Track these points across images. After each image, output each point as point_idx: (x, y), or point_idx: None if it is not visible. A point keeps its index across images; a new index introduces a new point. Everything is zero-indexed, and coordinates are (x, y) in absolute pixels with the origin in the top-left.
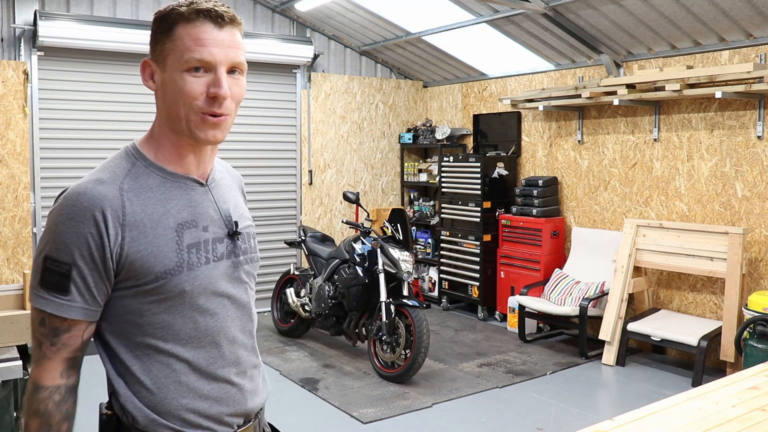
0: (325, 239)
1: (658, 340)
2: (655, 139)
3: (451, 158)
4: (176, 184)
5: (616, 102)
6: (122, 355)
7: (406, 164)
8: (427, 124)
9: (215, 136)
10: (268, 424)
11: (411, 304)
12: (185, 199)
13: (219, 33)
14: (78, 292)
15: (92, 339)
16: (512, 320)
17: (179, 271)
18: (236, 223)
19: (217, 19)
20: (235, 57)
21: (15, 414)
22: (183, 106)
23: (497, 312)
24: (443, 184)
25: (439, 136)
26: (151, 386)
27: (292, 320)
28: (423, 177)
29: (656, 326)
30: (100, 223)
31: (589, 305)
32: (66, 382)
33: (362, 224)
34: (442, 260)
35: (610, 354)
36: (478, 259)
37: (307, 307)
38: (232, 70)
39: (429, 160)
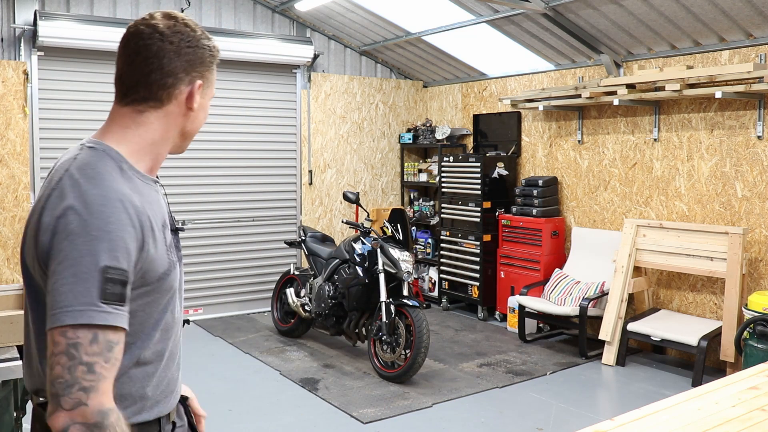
0: (325, 239)
1: (658, 340)
2: (655, 139)
3: (451, 158)
4: (150, 186)
5: (616, 102)
6: None
7: (406, 164)
8: (427, 124)
9: None
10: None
11: (411, 304)
12: (157, 201)
13: None
14: (128, 301)
15: None
16: (512, 320)
17: (171, 270)
18: (176, 220)
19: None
20: None
21: (15, 414)
22: (197, 125)
23: (497, 312)
24: (443, 184)
25: (439, 136)
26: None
27: (292, 320)
28: (423, 177)
29: (656, 326)
30: (140, 224)
31: (589, 305)
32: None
33: (362, 224)
34: (442, 260)
35: (610, 354)
36: (478, 259)
37: (307, 307)
38: None
39: (429, 160)
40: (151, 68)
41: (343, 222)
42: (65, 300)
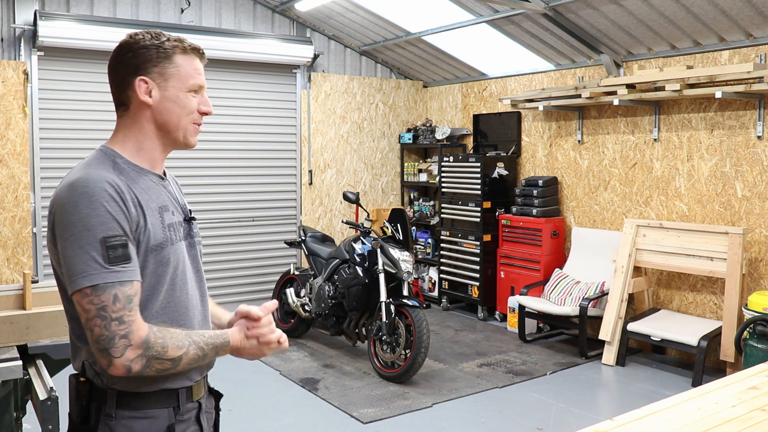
0: (325, 239)
1: (658, 340)
2: (655, 139)
3: (451, 158)
4: (148, 177)
5: (616, 102)
6: None
7: (406, 164)
8: (427, 124)
9: (196, 141)
10: (211, 389)
11: (411, 304)
12: (156, 189)
13: (201, 65)
14: (134, 257)
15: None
16: (512, 320)
17: (166, 244)
18: (190, 211)
19: (202, 55)
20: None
21: (15, 414)
22: (182, 117)
23: (497, 312)
24: (443, 184)
25: (439, 136)
26: None
27: (292, 320)
28: (423, 177)
29: (656, 326)
30: (121, 198)
31: (589, 305)
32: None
33: (362, 224)
34: (442, 260)
35: (610, 354)
36: (478, 259)
37: (307, 307)
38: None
39: (429, 160)
40: (111, 81)
41: (343, 222)
42: (79, 268)
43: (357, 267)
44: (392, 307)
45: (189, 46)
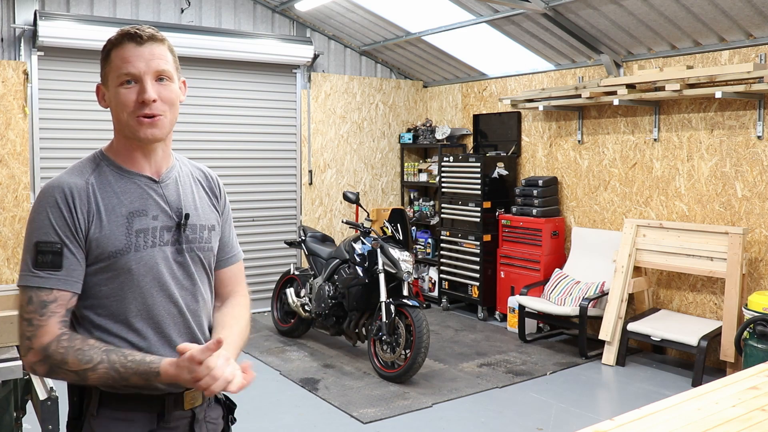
0: (325, 239)
1: (658, 340)
2: (655, 139)
3: (451, 158)
4: (131, 180)
5: (616, 102)
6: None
7: (406, 164)
8: (427, 124)
9: (153, 134)
10: (224, 395)
11: (411, 304)
12: (137, 193)
13: (140, 49)
14: (69, 266)
15: None
16: (512, 320)
17: (128, 251)
18: (186, 216)
19: (137, 38)
20: (157, 66)
21: (15, 414)
22: (123, 114)
23: (497, 312)
24: (443, 184)
25: (439, 136)
26: None
27: (292, 320)
28: (423, 177)
29: (656, 326)
30: (73, 208)
31: (589, 305)
32: (65, 329)
33: (362, 224)
34: (442, 260)
35: (610, 354)
36: (478, 259)
37: (307, 307)
38: (159, 78)
39: (429, 160)
40: None
41: (343, 222)
42: (20, 267)
43: (357, 267)
44: (392, 307)
45: (123, 34)
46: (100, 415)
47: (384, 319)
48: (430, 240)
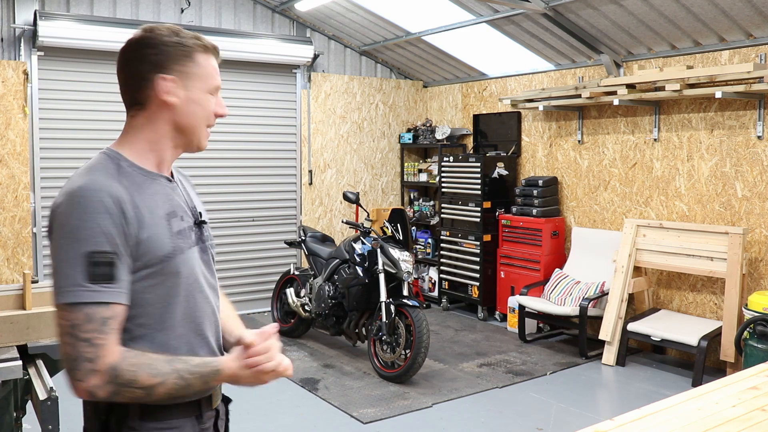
0: (325, 239)
1: (658, 340)
2: (655, 139)
3: (451, 158)
4: (155, 181)
5: (616, 102)
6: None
7: (406, 164)
8: (427, 124)
9: (207, 144)
10: (222, 395)
11: (411, 304)
12: (164, 194)
13: (217, 64)
14: (122, 278)
15: None
16: (512, 320)
17: (175, 254)
18: (200, 213)
19: (217, 53)
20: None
21: (15, 414)
22: (201, 120)
23: (497, 312)
24: (443, 184)
25: (439, 136)
26: None
27: (292, 320)
28: (423, 177)
29: (656, 326)
30: (119, 211)
31: (589, 305)
32: (125, 347)
33: (362, 224)
34: (442, 260)
35: (610, 354)
36: (478, 259)
37: (307, 307)
38: None
39: (429, 160)
40: (126, 77)
41: (343, 222)
42: (58, 281)
43: (357, 267)
44: (392, 307)
45: (209, 44)
46: (143, 429)
47: (384, 319)
48: (430, 240)
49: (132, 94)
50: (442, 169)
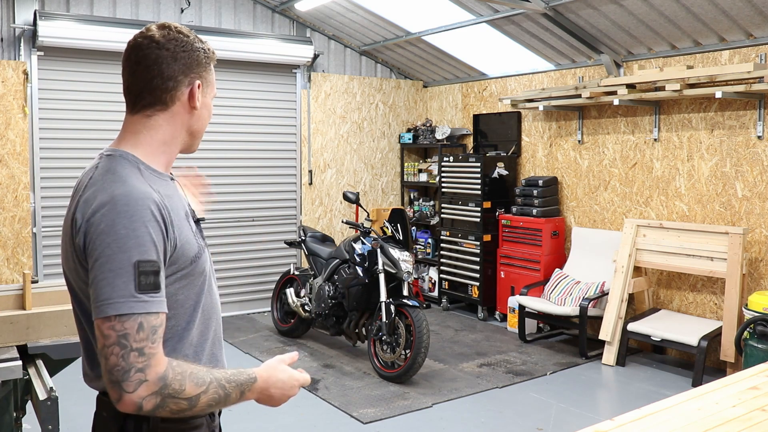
0: (325, 239)
1: (658, 340)
2: (655, 139)
3: (451, 158)
4: (166, 182)
5: (616, 102)
6: None
7: (406, 164)
8: (427, 124)
9: None
10: None
11: (411, 304)
12: (177, 195)
13: None
14: (163, 286)
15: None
16: (512, 320)
17: (201, 253)
18: (193, 211)
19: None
20: None
21: (15, 414)
22: (203, 124)
23: (497, 312)
24: (443, 184)
25: (439, 136)
26: None
27: (292, 320)
28: (423, 177)
29: (656, 326)
30: (162, 218)
31: (589, 305)
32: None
33: (362, 224)
34: (442, 260)
35: (610, 354)
36: (478, 259)
37: (307, 307)
38: None
39: (429, 160)
40: (152, 75)
41: (343, 222)
42: (106, 293)
43: (357, 267)
44: (392, 307)
45: (215, 52)
46: (163, 430)
47: (384, 319)
48: (430, 240)
49: (156, 94)
50: (442, 169)
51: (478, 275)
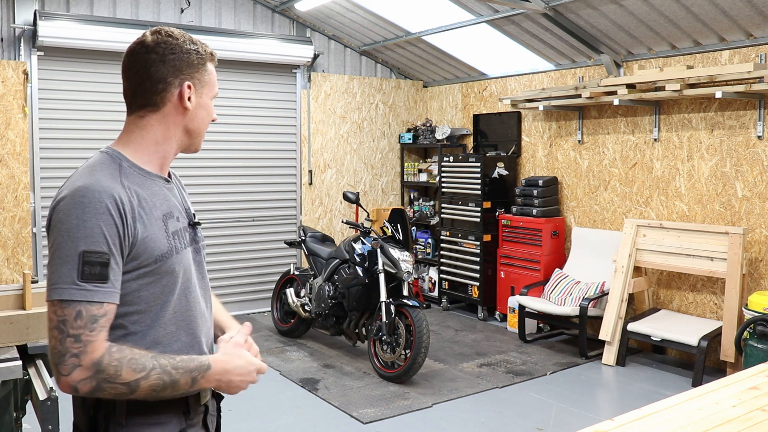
0: (325, 239)
1: (658, 340)
2: (655, 139)
3: (451, 158)
4: (154, 182)
5: (616, 102)
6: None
7: (406, 164)
8: (427, 124)
9: None
10: (212, 391)
11: (411, 304)
12: (162, 194)
13: None
14: (114, 278)
15: None
16: (512, 320)
17: (171, 254)
18: (194, 215)
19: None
20: None
21: (15, 414)
22: (206, 125)
23: (497, 312)
24: (443, 184)
25: (439, 136)
26: None
27: (292, 320)
28: (423, 177)
29: (656, 326)
30: (119, 212)
31: (589, 305)
32: (111, 342)
33: (362, 224)
34: (442, 260)
35: (610, 354)
36: (478, 259)
37: (307, 307)
38: None
39: (429, 160)
40: (142, 78)
41: (343, 222)
42: (53, 279)
43: (357, 267)
44: (392, 307)
45: (213, 52)
46: (130, 424)
47: (384, 319)
48: (430, 240)
49: (147, 96)
50: (442, 169)
51: (478, 275)
